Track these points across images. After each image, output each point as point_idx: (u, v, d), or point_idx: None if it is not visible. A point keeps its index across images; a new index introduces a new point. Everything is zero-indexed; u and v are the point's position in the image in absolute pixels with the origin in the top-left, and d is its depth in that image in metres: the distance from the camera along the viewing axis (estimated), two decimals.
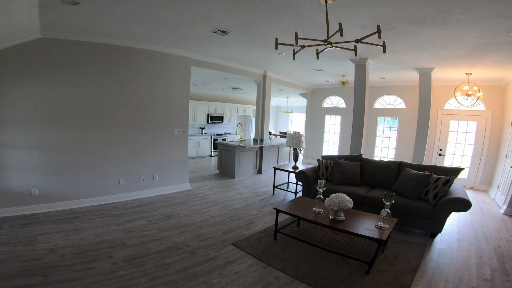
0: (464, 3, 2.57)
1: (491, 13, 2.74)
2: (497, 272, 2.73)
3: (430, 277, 2.62)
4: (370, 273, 2.65)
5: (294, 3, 2.89)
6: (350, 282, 2.51)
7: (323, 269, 2.74)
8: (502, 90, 6.14)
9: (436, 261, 2.97)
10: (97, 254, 2.86)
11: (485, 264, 2.92)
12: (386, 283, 2.50)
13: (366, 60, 5.07)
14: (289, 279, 2.56)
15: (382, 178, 4.34)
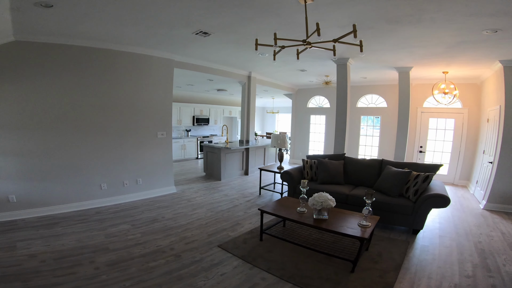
0: (437, 1, 2.64)
1: (463, 11, 2.82)
2: (479, 268, 2.80)
3: (413, 274, 2.67)
4: (355, 271, 2.69)
5: (274, 4, 2.92)
6: (336, 281, 2.54)
7: (309, 269, 2.76)
8: (477, 88, 6.40)
9: (419, 258, 3.03)
10: (79, 259, 2.80)
11: (466, 260, 2.98)
12: (371, 281, 2.54)
13: (348, 60, 5.18)
14: (275, 280, 2.57)
15: (365, 176, 4.44)
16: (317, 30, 2.43)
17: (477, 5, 2.66)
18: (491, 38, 3.50)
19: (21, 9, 2.84)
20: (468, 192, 6.08)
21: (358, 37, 3.69)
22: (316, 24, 2.45)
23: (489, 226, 4.03)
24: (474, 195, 5.71)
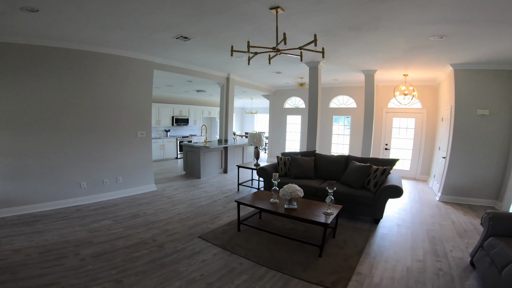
0: (389, 11, 2.98)
1: (411, 19, 3.15)
2: (429, 254, 3.14)
3: (372, 258, 3.02)
4: (323, 256, 3.02)
5: (249, 13, 3.20)
6: (306, 264, 2.85)
7: (282, 254, 3.06)
8: (435, 89, 7.07)
9: (379, 244, 3.40)
10: (63, 252, 2.93)
11: (419, 246, 3.34)
12: (336, 264, 2.86)
13: (319, 63, 5.57)
14: (251, 264, 2.85)
15: (333, 171, 4.85)
16: (284, 39, 2.76)
17: (423, 14, 2.98)
18: (439, 43, 3.94)
19: (7, 13, 2.93)
20: (427, 185, 6.72)
21: (326, 42, 4.15)
22: (283, 34, 2.77)
23: (442, 216, 4.49)
24: (432, 188, 6.33)
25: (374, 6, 2.87)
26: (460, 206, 5.04)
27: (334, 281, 2.55)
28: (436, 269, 2.80)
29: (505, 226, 2.60)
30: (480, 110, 4.99)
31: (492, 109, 4.94)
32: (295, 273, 2.68)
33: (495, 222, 2.64)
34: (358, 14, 3.11)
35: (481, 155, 5.05)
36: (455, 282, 2.55)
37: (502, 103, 4.88)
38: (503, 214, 2.71)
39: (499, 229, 2.61)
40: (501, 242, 2.43)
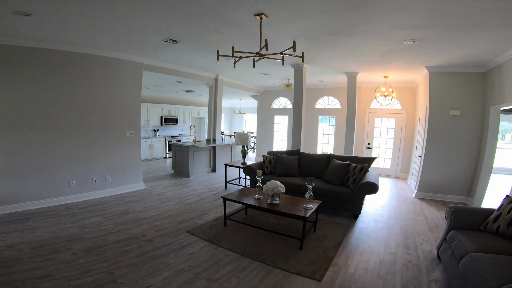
0: (363, 17, 3.18)
1: (384, 25, 3.34)
2: (400, 246, 3.37)
3: (349, 251, 3.25)
4: (304, 248, 3.23)
5: (236, 18, 3.39)
6: (287, 256, 3.06)
7: (266, 247, 3.26)
8: (413, 91, 7.44)
9: (356, 238, 3.64)
10: (55, 247, 3.05)
11: (392, 240, 3.57)
12: (316, 256, 3.08)
13: (303, 66, 5.82)
14: (236, 256, 3.04)
15: (316, 169, 5.10)
16: (266, 45, 2.97)
17: (394, 20, 3.18)
18: (412, 47, 4.18)
19: (1, 17, 3.02)
20: (406, 183, 7.07)
21: (310, 46, 4.40)
22: (265, 40, 2.98)
23: (416, 211, 4.77)
24: (410, 185, 6.68)
25: (349, 13, 3.08)
26: (434, 202, 5.37)
27: (312, 271, 2.76)
28: (406, 261, 3.01)
29: (465, 219, 2.82)
30: (452, 111, 5.33)
31: (464, 110, 5.28)
32: (277, 264, 2.88)
33: (456, 215, 2.87)
34: (336, 20, 3.31)
35: (454, 153, 5.39)
36: (422, 274, 2.75)
37: (472, 104, 5.22)
38: (464, 208, 2.95)
39: (460, 223, 2.84)
40: (460, 234, 2.65)
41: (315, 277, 2.65)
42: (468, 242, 2.44)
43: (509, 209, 2.56)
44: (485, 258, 2.10)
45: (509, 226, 2.48)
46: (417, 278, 2.66)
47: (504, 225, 2.52)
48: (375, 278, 2.66)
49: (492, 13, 2.83)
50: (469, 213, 2.88)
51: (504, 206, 2.67)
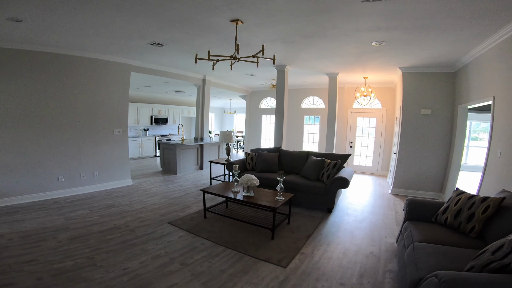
0: (330, 21, 3.35)
1: (350, 28, 3.52)
2: (366, 239, 3.57)
3: (318, 241, 3.47)
4: (275, 238, 3.46)
5: (214, 24, 3.64)
6: (259, 245, 3.30)
7: (241, 236, 3.51)
8: (393, 91, 7.75)
9: (326, 230, 3.86)
10: (42, 236, 3.27)
11: (360, 232, 3.79)
12: (285, 245, 3.30)
13: (285, 67, 6.08)
14: (211, 244, 3.29)
15: (295, 166, 5.37)
16: (237, 49, 3.24)
17: (358, 22, 3.37)
18: (381, 49, 4.41)
19: None
20: (385, 180, 7.38)
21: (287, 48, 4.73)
22: (236, 45, 3.25)
23: (389, 206, 5.02)
24: (388, 182, 6.99)
25: (316, 17, 3.30)
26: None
27: (280, 258, 2.98)
28: (368, 252, 3.22)
29: (419, 211, 3.00)
30: (424, 110, 5.63)
31: (434, 109, 5.58)
32: (248, 252, 3.12)
33: (410, 208, 3.06)
34: (306, 24, 3.53)
35: (426, 151, 5.69)
36: (380, 264, 2.93)
37: (443, 104, 5.51)
38: (417, 200, 3.14)
39: (414, 215, 3.02)
40: (412, 225, 2.81)
41: (281, 264, 2.87)
42: (416, 233, 2.60)
43: (456, 201, 2.71)
44: (424, 248, 2.25)
45: (456, 218, 2.62)
46: (374, 268, 2.84)
47: (451, 217, 2.66)
48: (336, 267, 2.86)
49: (443, 15, 3.02)
50: (422, 206, 3.04)
51: (452, 198, 2.81)
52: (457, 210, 2.64)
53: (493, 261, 1.64)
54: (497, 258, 1.63)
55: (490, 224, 2.40)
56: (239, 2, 2.97)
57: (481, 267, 1.70)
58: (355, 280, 2.61)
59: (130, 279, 2.48)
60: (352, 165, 8.34)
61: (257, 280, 2.57)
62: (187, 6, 3.08)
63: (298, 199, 4.72)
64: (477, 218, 2.46)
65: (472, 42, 3.87)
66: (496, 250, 1.67)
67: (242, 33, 3.87)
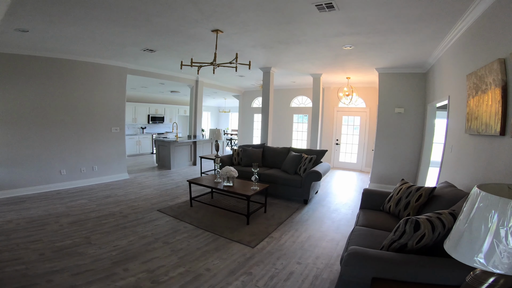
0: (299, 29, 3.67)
1: (318, 34, 3.88)
2: (332, 226, 3.94)
3: (288, 227, 3.88)
4: (250, 224, 3.91)
5: (197, 34, 4.09)
6: (234, 228, 3.75)
7: (220, 222, 3.97)
8: (376, 90, 8.10)
9: (298, 218, 4.25)
10: (46, 221, 3.76)
11: (328, 221, 4.14)
12: (258, 230, 3.72)
13: (270, 69, 6.52)
14: (193, 227, 3.76)
15: (277, 161, 5.83)
16: (214, 57, 3.70)
17: (322, 30, 3.69)
18: (353, 52, 4.76)
19: (3, 32, 3.77)
20: (367, 176, 7.79)
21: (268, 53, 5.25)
22: (214, 54, 3.71)
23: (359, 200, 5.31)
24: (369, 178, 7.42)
25: (284, 27, 3.70)
26: None
27: (250, 240, 3.42)
28: (330, 238, 3.60)
29: (371, 200, 3.31)
30: (397, 109, 6.04)
31: (407, 107, 5.97)
32: (223, 234, 3.57)
33: (365, 197, 3.39)
34: (278, 32, 3.93)
35: (400, 148, 6.10)
36: (338, 248, 3.30)
37: (414, 102, 5.88)
38: (370, 190, 3.45)
39: (367, 203, 3.34)
40: (361, 212, 3.12)
41: (250, 244, 3.31)
42: (361, 218, 2.91)
43: (398, 190, 2.97)
44: (360, 230, 2.55)
45: (396, 206, 2.87)
46: (331, 251, 3.21)
47: (393, 205, 2.92)
48: (297, 249, 3.26)
49: (392, 20, 3.34)
50: (373, 195, 3.36)
51: (396, 188, 3.07)
52: (398, 199, 2.90)
53: (394, 240, 1.84)
54: (396, 238, 1.83)
55: (421, 212, 2.62)
56: (215, 16, 3.42)
57: (387, 246, 1.89)
58: (310, 261, 3.00)
59: (118, 254, 2.96)
60: (338, 161, 8.78)
61: (226, 256, 3.04)
62: (170, 20, 3.54)
63: (277, 191, 5.18)
64: (411, 206, 2.71)
65: (429, 44, 4.17)
66: (396, 230, 1.86)
67: (224, 40, 4.32)
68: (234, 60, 3.95)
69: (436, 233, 1.73)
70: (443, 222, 1.77)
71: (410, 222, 1.79)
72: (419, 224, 1.76)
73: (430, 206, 2.60)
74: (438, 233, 1.74)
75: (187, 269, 2.74)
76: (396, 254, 1.78)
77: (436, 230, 1.73)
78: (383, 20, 3.40)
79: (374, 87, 8.12)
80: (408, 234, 1.78)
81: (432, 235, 1.73)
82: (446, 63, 4.23)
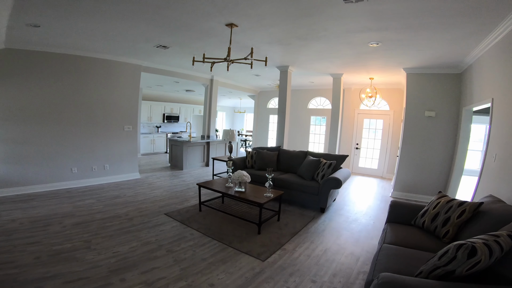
0: (319, 23, 3.40)
1: (340, 29, 3.57)
2: (350, 239, 3.57)
3: (302, 239, 3.53)
4: (262, 233, 3.58)
5: (210, 29, 3.86)
6: (244, 238, 3.45)
7: (228, 229, 3.68)
8: (401, 92, 7.61)
9: (314, 228, 3.90)
10: (50, 221, 3.63)
11: (347, 233, 3.80)
12: (269, 241, 3.39)
13: (288, 67, 6.18)
14: (199, 235, 3.50)
15: (293, 165, 5.48)
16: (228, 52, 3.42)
17: (346, 24, 3.39)
18: (378, 50, 4.37)
19: (15, 27, 3.70)
20: (389, 183, 7.27)
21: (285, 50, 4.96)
22: (228, 48, 3.43)
23: (385, 209, 4.80)
24: (392, 185, 6.90)
25: (302, 21, 3.40)
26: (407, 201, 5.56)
27: (260, 252, 3.11)
28: (349, 252, 3.23)
29: (400, 214, 2.98)
30: (427, 112, 5.54)
31: (439, 111, 5.47)
32: (232, 244, 3.28)
33: (392, 209, 3.07)
34: (296, 27, 3.63)
35: (429, 154, 5.60)
36: (357, 264, 2.94)
37: (448, 106, 5.38)
38: (399, 203, 3.13)
39: (395, 217, 3.00)
40: (389, 227, 2.78)
41: (260, 257, 3.00)
42: (389, 234, 2.60)
43: (435, 204, 2.65)
44: (389, 249, 2.24)
45: (433, 221, 2.57)
46: (350, 268, 2.86)
47: (428, 220, 2.62)
48: (312, 264, 2.92)
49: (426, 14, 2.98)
50: (404, 208, 3.03)
51: (432, 201, 2.76)
52: (434, 214, 2.60)
53: (438, 266, 1.62)
54: (442, 264, 1.60)
55: (464, 230, 2.33)
56: (228, 8, 3.16)
57: (427, 272, 1.68)
58: (327, 278, 2.67)
59: (117, 261, 2.74)
60: (358, 167, 8.30)
61: (233, 269, 2.75)
62: (181, 13, 3.32)
63: (292, 198, 4.85)
64: (452, 223, 2.41)
65: (468, 41, 3.77)
66: (442, 255, 1.63)
67: (238, 36, 4.06)
68: (249, 56, 3.66)
69: (493, 258, 1.52)
70: (501, 245, 1.52)
71: (464, 248, 1.50)
72: (476, 250, 1.49)
73: (475, 224, 2.25)
74: (495, 258, 1.53)
75: (189, 283, 2.47)
76: (440, 283, 1.51)
77: (493, 255, 1.52)
78: (417, 14, 3.02)
79: (399, 88, 7.60)
80: (459, 261, 1.52)
81: (488, 261, 1.51)
82: (489, 62, 3.77)
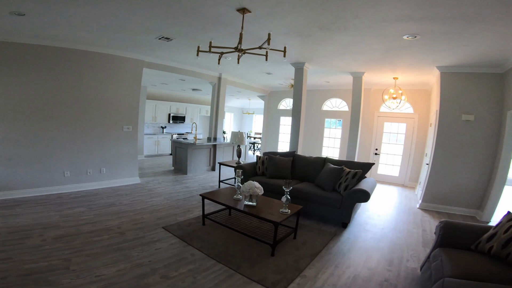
0: (350, 9, 2.88)
1: (375, 17, 3.04)
2: (382, 262, 3.04)
3: (324, 262, 2.97)
4: (276, 255, 3.00)
5: (219, 15, 3.31)
6: (255, 261, 2.88)
7: (236, 249, 3.10)
8: (427, 94, 6.93)
9: (337, 248, 3.33)
10: (29, 233, 3.12)
11: (377, 253, 3.25)
12: (285, 264, 2.84)
13: (304, 64, 5.58)
14: (202, 256, 2.92)
15: (309, 172, 4.86)
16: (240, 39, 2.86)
17: (384, 11, 2.88)
18: (414, 44, 3.80)
19: None
20: (413, 193, 6.59)
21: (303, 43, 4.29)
22: (240, 34, 2.87)
23: (415, 223, 4.36)
24: (417, 195, 6.21)
25: (332, 5, 2.83)
26: (439, 214, 4.93)
27: (275, 281, 2.53)
28: (383, 279, 2.70)
29: (455, 237, 2.48)
30: (465, 116, 4.88)
31: (478, 114, 4.81)
32: (241, 269, 2.71)
33: (445, 231, 2.52)
34: (321, 13, 3.07)
35: (465, 162, 4.93)
36: None
37: (488, 109, 4.74)
38: (455, 223, 2.58)
39: (449, 240, 2.50)
40: (443, 254, 2.31)
41: None
42: (449, 264, 2.10)
43: (507, 228, 2.18)
44: (455, 285, 1.79)
45: (504, 248, 2.11)
46: None
47: (498, 246, 2.16)
48: None
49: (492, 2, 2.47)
50: (461, 230, 2.51)
51: (502, 224, 2.28)
52: (506, 239, 2.13)
53: None
54: None
55: None
56: None
57: None
58: None
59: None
60: (376, 174, 7.60)
61: None
62: None
63: (309, 210, 4.23)
64: None
65: None
66: None
67: (251, 25, 3.50)
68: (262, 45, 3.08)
69: None
70: None
71: None
72: None
73: None
74: None
75: None
76: None
77: None
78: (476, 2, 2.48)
79: (425, 89, 6.93)
80: None
81: None
82: None
